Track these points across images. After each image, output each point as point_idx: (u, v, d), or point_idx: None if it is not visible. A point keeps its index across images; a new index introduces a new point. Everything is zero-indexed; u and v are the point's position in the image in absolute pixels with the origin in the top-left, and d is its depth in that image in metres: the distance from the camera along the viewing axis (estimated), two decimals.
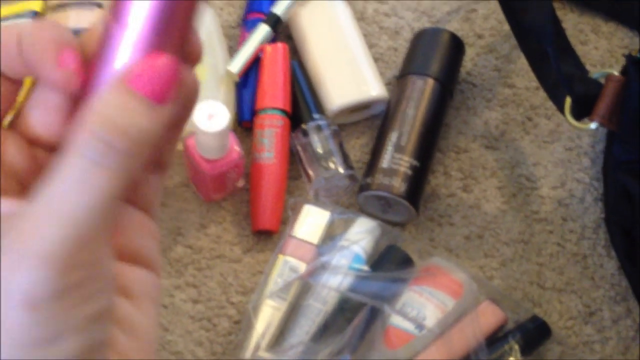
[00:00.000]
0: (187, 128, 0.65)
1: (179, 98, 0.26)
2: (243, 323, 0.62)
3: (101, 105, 0.25)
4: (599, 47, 0.75)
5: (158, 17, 0.27)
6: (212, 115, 0.59)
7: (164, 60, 0.26)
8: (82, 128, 0.25)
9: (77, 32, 0.68)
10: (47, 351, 0.24)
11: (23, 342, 0.24)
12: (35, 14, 0.72)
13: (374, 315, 0.60)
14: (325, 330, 0.60)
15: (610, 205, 0.66)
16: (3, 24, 0.66)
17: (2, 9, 0.73)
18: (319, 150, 0.67)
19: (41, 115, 0.28)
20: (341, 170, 0.66)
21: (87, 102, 0.26)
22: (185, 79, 0.26)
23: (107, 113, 0.25)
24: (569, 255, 0.66)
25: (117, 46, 0.27)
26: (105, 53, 0.27)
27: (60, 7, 0.71)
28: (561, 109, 0.63)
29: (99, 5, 0.71)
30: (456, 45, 0.72)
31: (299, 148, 0.67)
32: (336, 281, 0.62)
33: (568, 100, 0.62)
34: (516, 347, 0.60)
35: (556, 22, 0.65)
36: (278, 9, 0.72)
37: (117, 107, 0.25)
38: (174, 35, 0.27)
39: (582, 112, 0.63)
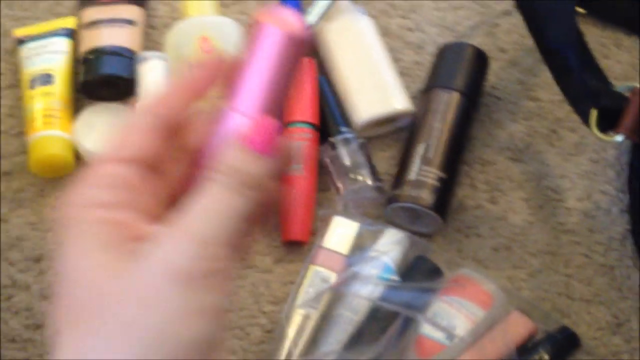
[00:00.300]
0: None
1: (279, 152, 0.35)
2: (276, 332, 0.63)
3: (225, 157, 0.34)
4: (621, 60, 0.76)
5: (266, 91, 0.36)
6: None
7: (268, 123, 0.35)
8: (212, 173, 0.34)
9: (110, 50, 0.69)
10: (181, 326, 0.31)
11: (167, 312, 0.31)
12: (70, 32, 0.74)
13: (407, 324, 0.61)
14: (358, 339, 0.61)
15: (637, 216, 0.67)
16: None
17: (37, 27, 0.75)
18: (347, 163, 0.68)
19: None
20: (369, 182, 0.67)
21: (210, 153, 0.36)
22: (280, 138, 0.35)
23: (227, 162, 0.34)
24: (597, 266, 0.67)
25: (231, 112, 0.37)
26: (222, 118, 0.37)
27: (93, 24, 0.73)
28: (586, 121, 0.64)
29: (131, 23, 0.73)
30: (480, 59, 0.73)
31: (328, 161, 0.69)
32: (367, 291, 0.63)
33: (593, 113, 0.63)
34: (546, 357, 0.61)
35: (579, 36, 0.67)
36: None
37: (235, 158, 0.34)
38: (277, 104, 0.36)
39: (607, 124, 0.64)
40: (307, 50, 0.39)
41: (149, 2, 0.77)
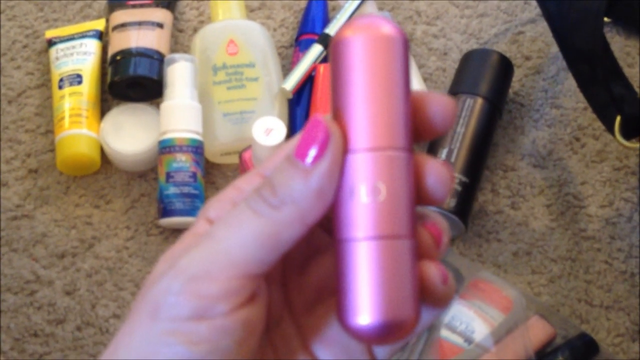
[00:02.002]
0: (244, 142, 0.67)
1: (322, 158, 0.27)
2: None
3: (270, 171, 0.29)
4: None
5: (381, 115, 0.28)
6: (269, 130, 0.61)
7: (317, 121, 0.27)
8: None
9: (138, 52, 0.71)
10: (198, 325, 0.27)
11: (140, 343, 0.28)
12: (99, 34, 0.75)
13: (430, 331, 0.61)
14: None
15: None
16: None
17: (67, 29, 0.76)
18: None
19: None
20: None
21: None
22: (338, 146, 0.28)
23: (269, 175, 0.29)
24: (617, 273, 0.67)
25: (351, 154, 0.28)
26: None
27: (122, 26, 0.74)
28: (610, 129, 0.64)
29: (160, 26, 0.74)
30: (505, 66, 0.73)
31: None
32: None
33: (617, 121, 0.63)
34: None
35: (605, 44, 0.67)
36: (331, 30, 0.74)
37: (276, 170, 0.28)
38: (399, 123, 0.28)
39: (631, 132, 0.64)
40: (408, 49, 0.29)
41: (177, 5, 0.79)
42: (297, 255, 0.32)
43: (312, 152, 0.27)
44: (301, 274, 0.32)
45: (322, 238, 0.32)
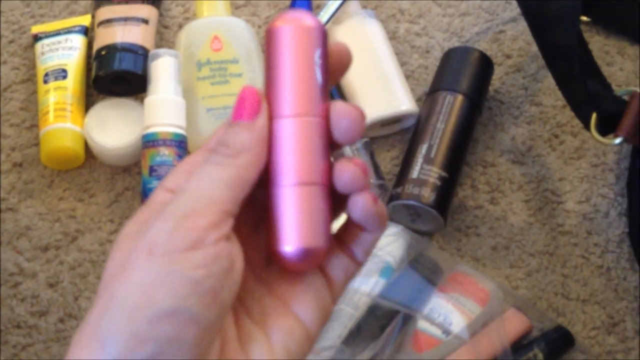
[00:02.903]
0: None
1: (260, 114, 0.35)
2: None
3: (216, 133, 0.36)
4: (624, 68, 0.77)
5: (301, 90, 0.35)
6: None
7: (246, 91, 0.35)
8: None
9: (123, 47, 0.72)
10: (149, 296, 0.31)
11: (138, 283, 0.31)
12: (84, 29, 0.76)
13: (406, 321, 0.62)
14: (357, 334, 0.62)
15: (634, 219, 0.68)
16: None
17: (53, 24, 0.77)
18: None
19: None
20: (372, 180, 0.68)
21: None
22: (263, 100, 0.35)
23: (219, 138, 0.35)
24: (593, 267, 0.68)
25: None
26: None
27: (108, 22, 0.75)
28: (587, 125, 0.65)
29: (146, 22, 0.75)
30: (485, 64, 0.74)
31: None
32: (367, 287, 0.64)
33: (594, 117, 0.64)
34: (540, 355, 0.62)
35: (582, 43, 0.68)
36: None
37: (224, 134, 0.35)
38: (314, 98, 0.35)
39: (607, 128, 0.65)
40: (326, 42, 0.36)
41: (162, 2, 0.79)
42: (249, 217, 0.36)
43: (251, 109, 0.34)
44: (254, 234, 0.37)
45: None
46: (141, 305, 0.30)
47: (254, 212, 0.36)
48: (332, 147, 0.36)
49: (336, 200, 0.36)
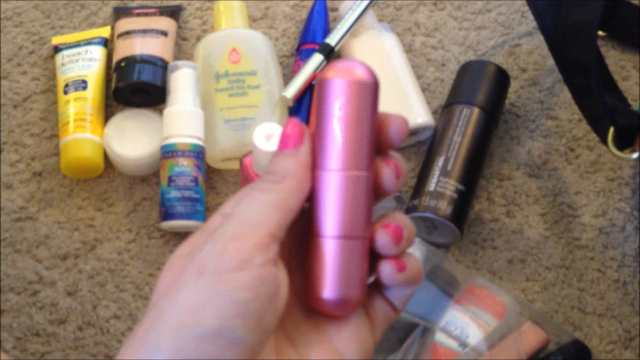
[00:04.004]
0: (245, 148, 0.69)
1: (302, 143, 0.36)
2: None
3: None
4: None
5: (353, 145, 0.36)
6: (270, 136, 0.62)
7: (290, 122, 0.36)
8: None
9: (142, 59, 0.72)
10: (196, 316, 0.32)
11: (185, 303, 0.32)
12: (104, 41, 0.77)
13: (424, 334, 0.62)
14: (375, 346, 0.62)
15: None
16: None
17: (73, 36, 0.78)
18: None
19: None
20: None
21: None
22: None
23: (266, 168, 0.36)
24: (610, 281, 0.68)
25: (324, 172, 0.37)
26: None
27: (127, 34, 0.76)
28: (604, 140, 0.65)
29: (164, 34, 0.76)
30: (502, 77, 0.75)
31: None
32: None
33: (610, 132, 0.64)
34: None
35: (599, 57, 0.68)
36: (331, 40, 0.75)
37: (269, 163, 0.36)
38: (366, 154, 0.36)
39: (624, 143, 0.65)
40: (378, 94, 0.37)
41: (181, 14, 0.80)
42: (297, 245, 0.38)
43: (294, 138, 0.36)
44: (302, 262, 0.37)
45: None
46: (188, 323, 0.31)
47: (302, 240, 0.37)
48: (375, 197, 0.37)
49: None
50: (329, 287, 0.36)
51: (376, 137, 0.36)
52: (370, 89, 0.36)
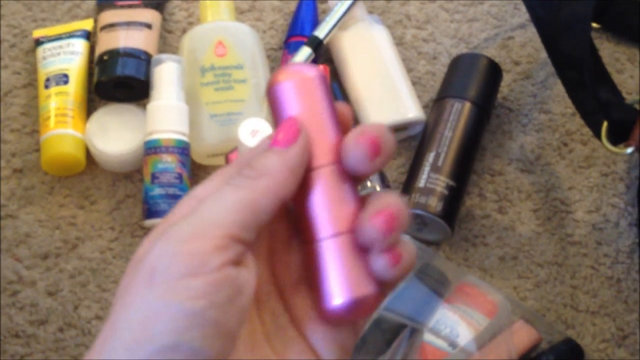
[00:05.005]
0: (231, 144, 0.67)
1: (295, 143, 0.33)
2: None
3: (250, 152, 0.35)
4: (634, 75, 0.76)
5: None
6: (255, 131, 0.61)
7: (287, 120, 0.34)
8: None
9: (125, 52, 0.71)
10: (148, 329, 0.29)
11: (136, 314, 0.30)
12: (87, 33, 0.75)
13: (412, 334, 0.61)
14: (362, 348, 0.61)
15: None
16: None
17: (55, 29, 0.76)
18: None
19: None
20: (378, 188, 0.67)
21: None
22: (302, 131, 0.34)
23: (249, 159, 0.33)
24: (603, 278, 0.67)
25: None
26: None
27: (110, 26, 0.74)
28: (598, 134, 0.64)
29: (149, 26, 0.74)
30: (494, 71, 0.73)
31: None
32: None
33: (604, 126, 0.63)
34: None
35: (593, 50, 0.67)
36: (320, 33, 0.74)
37: (254, 154, 0.33)
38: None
39: (618, 137, 0.63)
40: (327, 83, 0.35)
41: (166, 6, 0.78)
42: (282, 235, 0.35)
43: (287, 137, 0.33)
44: (286, 253, 0.35)
45: None
46: (140, 340, 0.29)
47: (287, 229, 0.35)
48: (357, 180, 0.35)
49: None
50: (337, 292, 0.33)
51: (339, 126, 0.34)
52: (319, 82, 0.34)
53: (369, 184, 0.67)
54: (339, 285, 0.33)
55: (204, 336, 0.29)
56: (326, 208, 0.33)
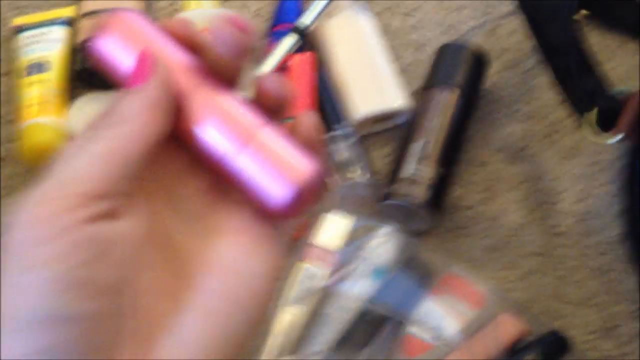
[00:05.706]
0: None
1: (151, 77, 0.31)
2: (260, 328, 0.62)
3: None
4: (623, 63, 0.75)
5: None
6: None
7: (140, 53, 0.31)
8: None
9: None
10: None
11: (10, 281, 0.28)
12: (68, 20, 0.74)
13: (397, 327, 0.61)
14: (346, 340, 0.61)
15: (632, 220, 0.66)
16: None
17: (36, 16, 0.75)
18: (342, 158, 0.67)
19: None
20: (363, 178, 0.67)
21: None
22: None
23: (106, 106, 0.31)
24: (589, 269, 0.66)
25: None
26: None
27: (93, 14, 0.73)
28: (587, 123, 0.63)
29: None
30: (480, 59, 0.72)
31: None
32: (358, 291, 0.62)
33: (591, 115, 0.62)
34: None
35: (581, 39, 0.66)
36: (305, 20, 0.73)
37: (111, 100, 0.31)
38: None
39: (605, 126, 0.63)
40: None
41: None
42: (179, 166, 0.33)
43: (140, 74, 0.31)
44: (190, 183, 0.33)
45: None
46: (7, 325, 0.27)
47: (183, 160, 0.33)
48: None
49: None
50: (279, 189, 0.31)
51: (184, 48, 0.32)
52: (137, 18, 0.33)
53: (354, 173, 0.67)
54: (280, 180, 0.31)
55: (77, 298, 0.27)
56: (226, 120, 0.32)
